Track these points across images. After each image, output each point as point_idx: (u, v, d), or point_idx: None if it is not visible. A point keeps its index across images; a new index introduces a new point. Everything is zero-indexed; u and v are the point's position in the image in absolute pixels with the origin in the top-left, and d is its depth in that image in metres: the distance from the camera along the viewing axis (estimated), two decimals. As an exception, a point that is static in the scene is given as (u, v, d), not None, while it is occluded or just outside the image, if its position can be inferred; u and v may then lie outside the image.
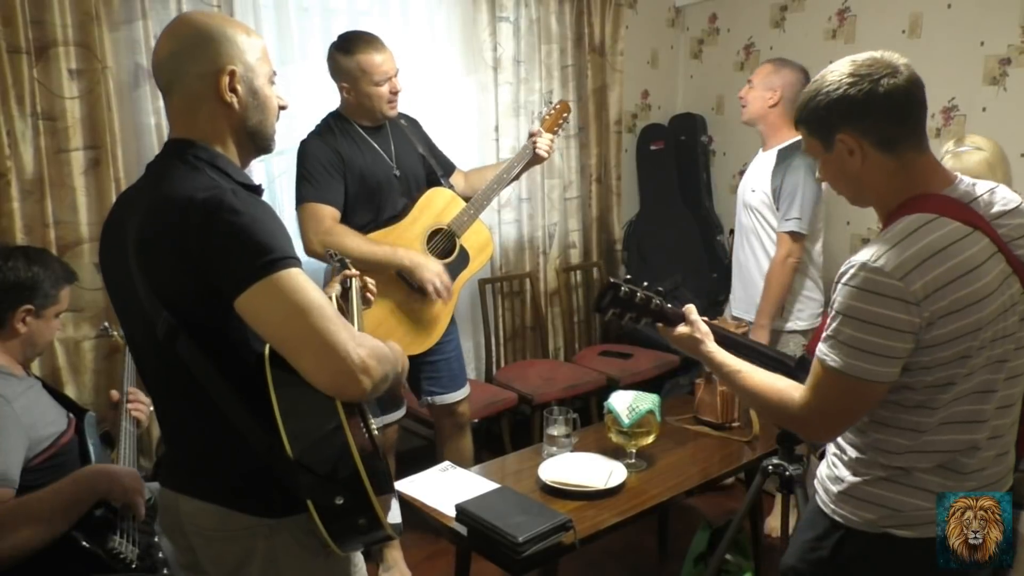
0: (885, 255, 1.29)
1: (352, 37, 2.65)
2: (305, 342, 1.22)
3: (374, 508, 1.29)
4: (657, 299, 1.77)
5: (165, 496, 1.49)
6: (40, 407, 2.00)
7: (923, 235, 1.30)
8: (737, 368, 1.62)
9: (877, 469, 1.44)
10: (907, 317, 1.28)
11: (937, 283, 1.28)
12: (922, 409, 1.38)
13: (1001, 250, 1.35)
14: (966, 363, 1.34)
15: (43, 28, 2.70)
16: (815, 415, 1.43)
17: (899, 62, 1.36)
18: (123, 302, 1.42)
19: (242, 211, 1.24)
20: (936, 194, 1.37)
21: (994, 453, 1.43)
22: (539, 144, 2.92)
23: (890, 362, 1.32)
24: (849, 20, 3.92)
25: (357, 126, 2.74)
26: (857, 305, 1.31)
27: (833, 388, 1.38)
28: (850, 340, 1.33)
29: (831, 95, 1.38)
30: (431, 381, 2.96)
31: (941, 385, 1.35)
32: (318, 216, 2.61)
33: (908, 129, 1.37)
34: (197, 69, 1.35)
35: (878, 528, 1.44)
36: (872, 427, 1.44)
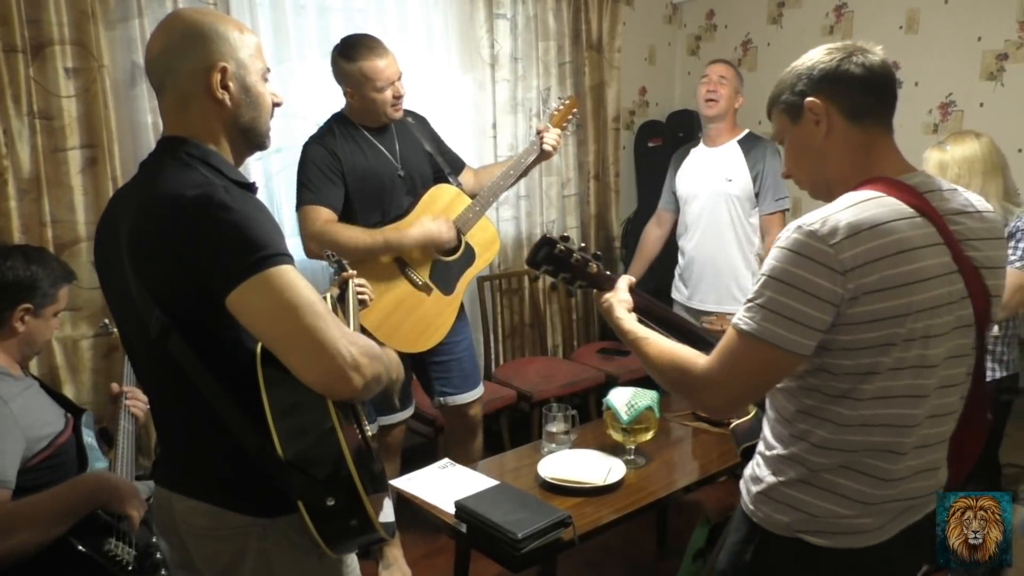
0: (821, 219, 1.25)
1: (354, 43, 2.63)
2: (296, 339, 1.21)
3: (366, 510, 1.28)
4: (594, 263, 1.73)
5: (159, 495, 1.49)
6: (38, 407, 2.00)
7: (864, 208, 1.26)
8: (641, 335, 1.56)
9: (796, 468, 1.38)
10: (830, 285, 1.22)
11: (868, 256, 1.22)
12: (846, 400, 1.31)
13: (949, 244, 1.29)
14: (889, 352, 1.27)
15: (39, 27, 2.69)
16: (716, 380, 1.36)
17: (873, 48, 1.36)
18: (117, 301, 1.42)
19: (233, 208, 1.23)
20: (891, 178, 1.34)
21: (921, 463, 1.37)
22: (546, 139, 2.91)
23: (806, 332, 1.25)
24: (847, 16, 3.93)
25: (361, 128, 2.74)
26: (783, 267, 1.26)
27: (743, 354, 1.31)
28: (769, 303, 1.27)
29: (803, 66, 1.39)
30: (442, 381, 2.94)
31: (863, 373, 1.29)
32: (312, 217, 2.61)
33: (877, 104, 1.36)
34: (189, 66, 1.34)
35: (792, 533, 1.38)
36: (798, 417, 1.38)
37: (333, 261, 2.18)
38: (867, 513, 1.35)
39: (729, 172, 3.24)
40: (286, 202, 3.39)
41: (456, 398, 2.96)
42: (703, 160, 3.37)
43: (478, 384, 3.04)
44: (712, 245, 3.32)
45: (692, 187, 3.38)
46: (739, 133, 3.30)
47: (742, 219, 3.25)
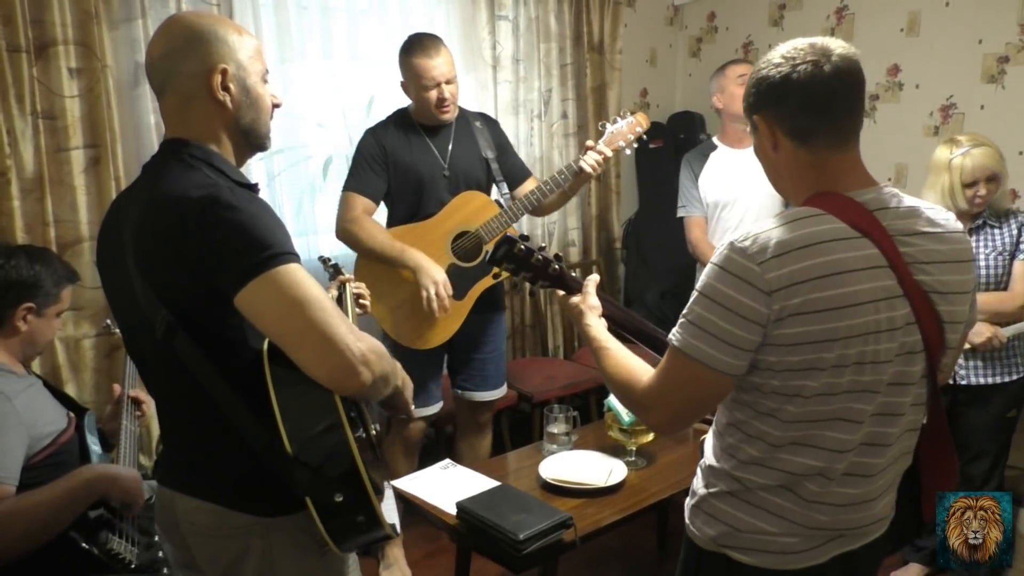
0: (752, 237, 1.20)
1: (414, 38, 2.73)
2: (304, 335, 1.22)
3: (373, 506, 1.29)
4: (555, 264, 1.72)
5: (162, 494, 1.49)
6: (40, 405, 2.00)
7: (798, 227, 1.20)
8: (604, 345, 1.52)
9: (724, 481, 1.35)
10: (755, 305, 1.18)
11: (793, 277, 1.17)
12: (771, 419, 1.27)
13: (895, 267, 1.22)
14: (816, 376, 1.22)
15: (43, 27, 2.70)
16: (654, 399, 1.33)
17: (834, 50, 1.24)
18: (121, 301, 1.42)
19: (239, 208, 1.24)
20: (838, 193, 1.26)
21: (852, 492, 1.30)
22: (585, 158, 2.81)
23: (734, 352, 1.22)
24: (847, 18, 3.93)
25: (418, 124, 2.82)
26: (711, 284, 1.23)
27: (674, 370, 1.29)
28: (697, 319, 1.24)
29: (757, 74, 1.30)
30: (463, 376, 3.03)
31: (789, 395, 1.24)
32: (349, 204, 2.76)
33: (825, 122, 1.25)
34: (189, 68, 1.35)
35: (718, 547, 1.36)
36: (728, 430, 1.35)
37: (329, 266, 2.20)
38: (793, 532, 1.31)
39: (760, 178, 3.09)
40: (288, 202, 3.40)
41: (470, 394, 3.03)
42: (733, 162, 3.25)
43: (498, 387, 3.08)
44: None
45: (727, 191, 3.24)
46: None
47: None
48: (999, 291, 2.55)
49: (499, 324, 3.05)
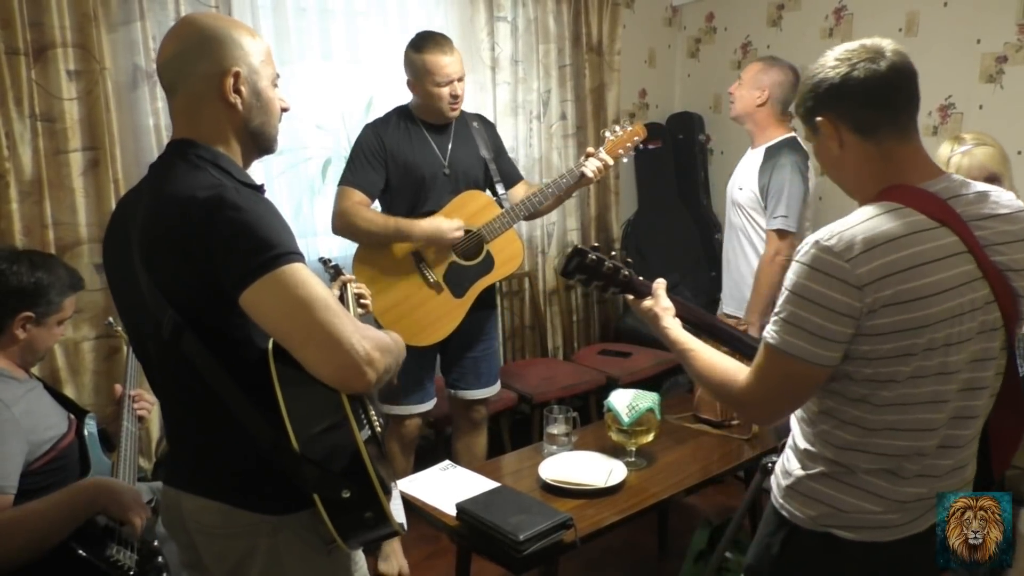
0: (838, 235, 1.27)
1: (425, 36, 2.74)
2: (309, 335, 1.22)
3: (380, 501, 1.29)
4: (625, 270, 1.75)
5: (167, 494, 1.50)
6: (41, 410, 1.99)
7: (881, 222, 1.27)
8: (691, 347, 1.59)
9: (822, 464, 1.41)
10: (848, 300, 1.25)
11: (884, 271, 1.24)
12: (864, 404, 1.34)
13: (973, 251, 1.30)
14: (909, 361, 1.29)
15: (41, 29, 2.70)
16: (754, 395, 1.40)
17: (887, 49, 1.33)
18: (127, 301, 1.43)
19: (244, 208, 1.25)
20: (911, 186, 1.33)
21: (946, 464, 1.39)
22: (588, 164, 2.85)
23: (829, 345, 1.29)
24: (846, 19, 3.93)
25: (420, 121, 2.82)
26: (802, 282, 1.29)
27: (772, 367, 1.36)
28: (791, 318, 1.30)
29: (813, 79, 1.38)
30: (456, 374, 3.03)
31: (882, 381, 1.31)
32: (343, 196, 2.75)
33: (887, 116, 1.34)
34: (202, 70, 1.36)
35: (820, 526, 1.41)
36: (820, 418, 1.41)
37: (330, 267, 2.20)
38: (894, 510, 1.38)
39: (744, 179, 3.14)
40: (287, 204, 3.39)
41: (463, 392, 3.04)
42: (742, 163, 3.26)
43: (490, 385, 3.08)
44: (728, 251, 3.29)
45: (728, 190, 3.30)
46: (774, 137, 3.07)
47: (749, 228, 3.13)
48: None
49: (492, 322, 3.06)
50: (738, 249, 3.20)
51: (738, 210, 3.16)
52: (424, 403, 2.97)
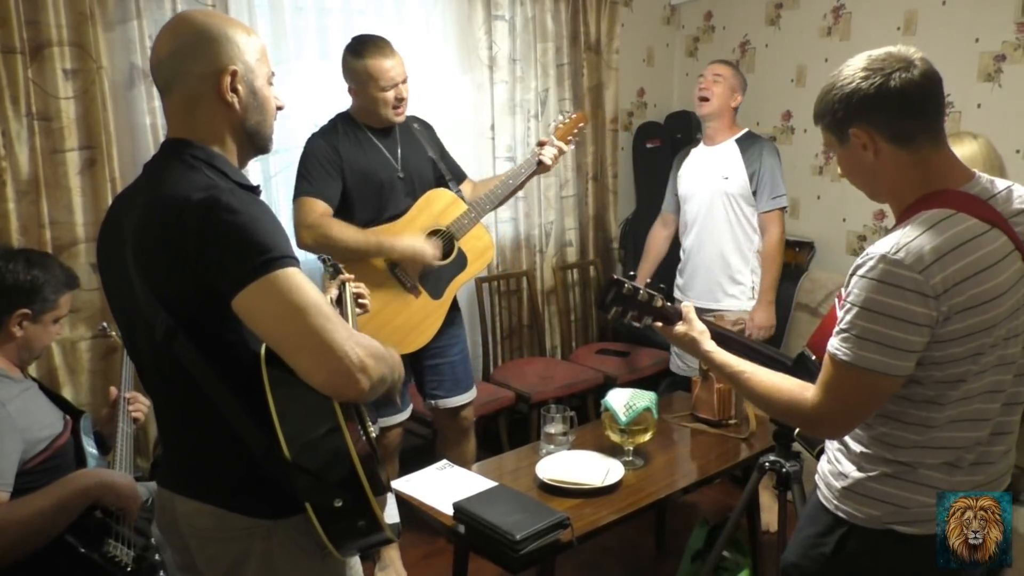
0: (905, 247, 1.28)
1: (364, 40, 2.66)
2: (302, 341, 1.21)
3: (373, 510, 1.28)
4: (659, 297, 1.77)
5: (162, 496, 1.49)
6: (36, 409, 1.99)
7: (943, 229, 1.29)
8: (740, 369, 1.60)
9: (882, 465, 1.43)
10: (925, 311, 1.27)
11: (956, 278, 1.27)
12: (931, 405, 1.37)
13: (1018, 248, 1.35)
14: (978, 360, 1.33)
15: (37, 28, 2.70)
16: (830, 413, 1.41)
17: (914, 56, 1.35)
18: (121, 303, 1.42)
19: (239, 210, 1.23)
20: (954, 190, 1.35)
21: (1000, 449, 1.44)
22: (544, 152, 2.88)
23: (906, 355, 1.31)
24: (844, 17, 3.93)
25: (365, 127, 2.76)
26: (875, 297, 1.29)
27: (847, 383, 1.36)
28: (865, 333, 1.31)
29: (844, 89, 1.37)
30: (434, 384, 2.96)
31: (952, 382, 1.34)
32: (308, 208, 2.64)
33: (922, 123, 1.36)
34: (198, 69, 1.34)
35: (882, 524, 1.43)
36: (879, 421, 1.42)
37: (329, 265, 2.19)
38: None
39: (726, 170, 3.27)
40: (285, 203, 3.39)
41: (447, 401, 2.97)
42: (701, 159, 3.40)
43: (470, 388, 3.04)
44: (707, 242, 3.35)
45: (690, 186, 3.41)
46: (738, 132, 3.33)
47: (739, 217, 3.28)
48: None
49: (460, 324, 3.03)
50: (718, 241, 3.31)
51: (728, 201, 3.28)
52: (404, 411, 2.94)
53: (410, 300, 2.79)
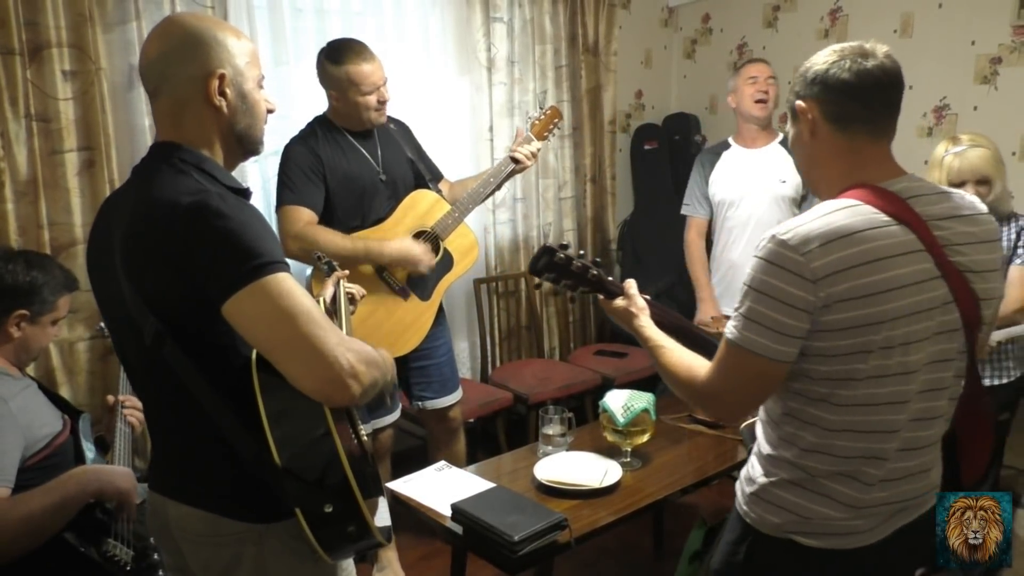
0: (794, 230, 1.27)
1: (341, 47, 2.64)
2: (293, 347, 1.20)
3: (363, 515, 1.28)
4: (595, 270, 1.76)
5: (153, 500, 1.48)
6: (36, 408, 1.99)
7: (838, 217, 1.28)
8: (660, 344, 1.60)
9: (785, 470, 1.40)
10: (803, 294, 1.25)
11: (838, 265, 1.24)
12: (824, 404, 1.34)
13: (931, 250, 1.30)
14: (866, 359, 1.29)
15: (36, 29, 2.70)
16: (715, 391, 1.41)
17: (880, 52, 1.34)
18: (110, 307, 1.41)
19: (229, 215, 1.22)
20: (871, 184, 1.34)
21: (909, 466, 1.38)
22: (519, 150, 2.88)
23: (785, 339, 1.29)
24: (841, 20, 3.94)
25: (344, 131, 2.75)
26: (761, 277, 1.29)
27: (732, 363, 1.36)
28: (750, 313, 1.31)
29: (803, 68, 1.40)
30: (421, 386, 2.96)
31: (840, 379, 1.31)
32: (293, 217, 2.62)
33: (864, 111, 1.35)
34: (186, 72, 1.33)
35: (784, 533, 1.40)
36: (784, 419, 1.41)
37: (324, 263, 2.18)
38: (858, 516, 1.37)
39: (782, 173, 3.18)
40: (283, 205, 3.38)
41: (435, 402, 2.98)
42: (744, 162, 3.28)
43: (456, 388, 3.04)
44: (741, 251, 3.26)
45: (735, 190, 3.28)
46: (776, 135, 3.26)
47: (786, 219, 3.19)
48: None
49: (444, 325, 3.03)
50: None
51: (781, 203, 3.19)
52: (394, 412, 2.95)
53: (399, 303, 2.79)
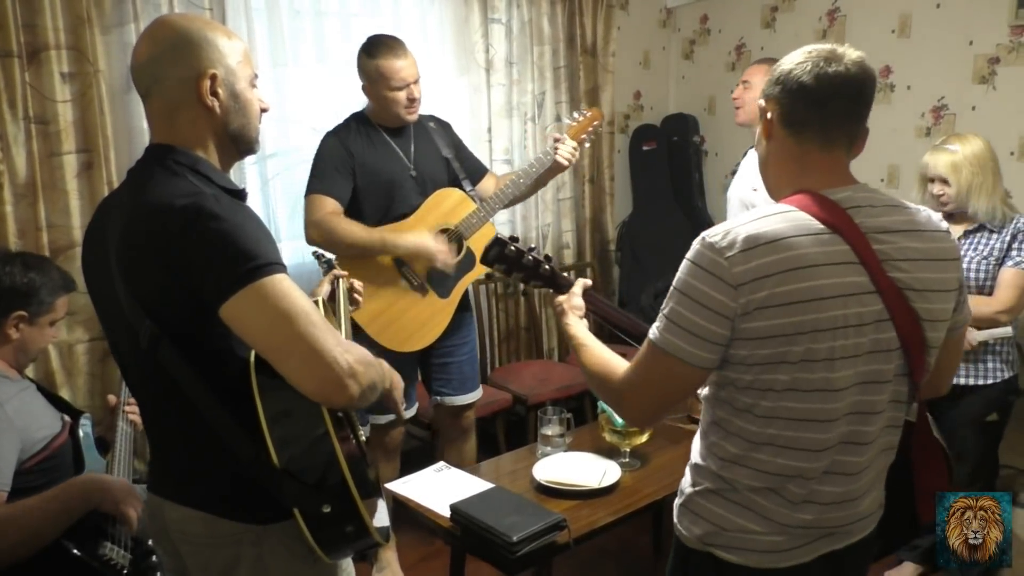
0: (722, 233, 1.23)
1: (377, 41, 2.70)
2: (291, 348, 1.19)
3: (361, 516, 1.28)
4: (546, 265, 1.77)
5: (152, 501, 1.48)
6: (34, 410, 1.99)
7: (768, 223, 1.23)
8: (582, 342, 1.56)
9: (709, 479, 1.37)
10: (723, 299, 1.21)
11: (760, 272, 1.20)
12: (747, 414, 1.30)
13: (866, 264, 1.23)
14: (784, 370, 1.24)
15: (35, 32, 2.70)
16: (630, 391, 1.37)
17: (849, 57, 1.27)
18: (106, 309, 1.40)
19: (224, 217, 1.22)
20: (813, 191, 1.28)
21: (835, 491, 1.32)
22: (560, 151, 2.84)
23: (704, 344, 1.24)
24: (839, 20, 3.94)
25: (378, 127, 2.79)
26: (684, 278, 1.26)
27: (650, 363, 1.31)
28: (671, 313, 1.27)
29: (775, 68, 1.34)
30: (441, 382, 2.99)
31: (762, 390, 1.26)
32: (316, 206, 2.69)
33: (817, 117, 1.28)
34: (177, 73, 1.32)
35: (704, 546, 1.37)
36: (711, 429, 1.37)
37: (323, 262, 2.19)
38: (777, 532, 1.32)
39: (755, 181, 3.11)
40: (282, 207, 3.39)
41: (453, 399, 3.01)
42: (745, 167, 3.24)
43: (475, 388, 3.06)
44: None
45: (729, 195, 3.30)
46: None
47: None
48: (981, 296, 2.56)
49: (470, 324, 3.05)
50: None
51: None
52: (408, 408, 2.96)
53: (417, 299, 2.80)
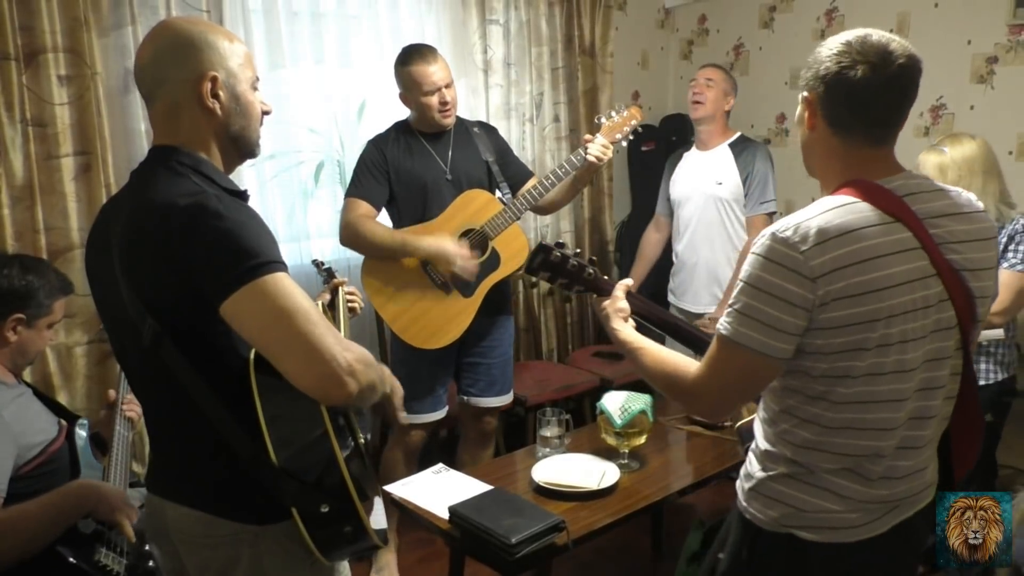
0: (794, 227, 1.27)
1: (410, 49, 2.80)
2: (291, 345, 1.21)
3: (360, 516, 1.29)
4: (590, 268, 1.77)
5: (151, 501, 1.49)
6: (30, 415, 1.99)
7: (835, 215, 1.27)
8: (638, 345, 1.59)
9: (783, 464, 1.40)
10: (801, 292, 1.25)
11: (836, 263, 1.24)
12: (823, 402, 1.34)
13: (926, 248, 1.30)
14: (863, 356, 1.28)
15: (32, 34, 2.70)
16: (706, 387, 1.40)
17: (898, 55, 1.29)
18: (109, 308, 1.42)
19: (226, 216, 1.24)
20: (867, 181, 1.33)
21: (906, 465, 1.38)
22: (590, 148, 2.83)
23: (781, 336, 1.28)
24: (837, 20, 3.95)
25: (418, 133, 2.88)
26: (757, 273, 1.29)
27: (725, 359, 1.35)
28: (747, 309, 1.30)
29: (817, 57, 1.35)
30: (468, 381, 3.03)
31: (838, 376, 1.31)
32: (350, 208, 2.81)
33: (863, 121, 1.33)
34: (179, 75, 1.35)
35: (782, 527, 1.40)
36: (781, 417, 1.40)
37: (323, 270, 2.21)
38: (855, 509, 1.37)
39: (719, 175, 3.28)
40: (280, 208, 3.39)
41: (479, 400, 3.04)
42: (695, 164, 3.41)
43: (503, 394, 3.07)
44: (702, 247, 3.36)
45: (684, 191, 3.42)
46: (731, 136, 3.34)
47: (732, 222, 3.29)
48: None
49: (507, 328, 3.07)
50: (713, 245, 3.33)
51: (720, 205, 3.29)
52: (436, 411, 2.96)
53: (441, 297, 2.84)
